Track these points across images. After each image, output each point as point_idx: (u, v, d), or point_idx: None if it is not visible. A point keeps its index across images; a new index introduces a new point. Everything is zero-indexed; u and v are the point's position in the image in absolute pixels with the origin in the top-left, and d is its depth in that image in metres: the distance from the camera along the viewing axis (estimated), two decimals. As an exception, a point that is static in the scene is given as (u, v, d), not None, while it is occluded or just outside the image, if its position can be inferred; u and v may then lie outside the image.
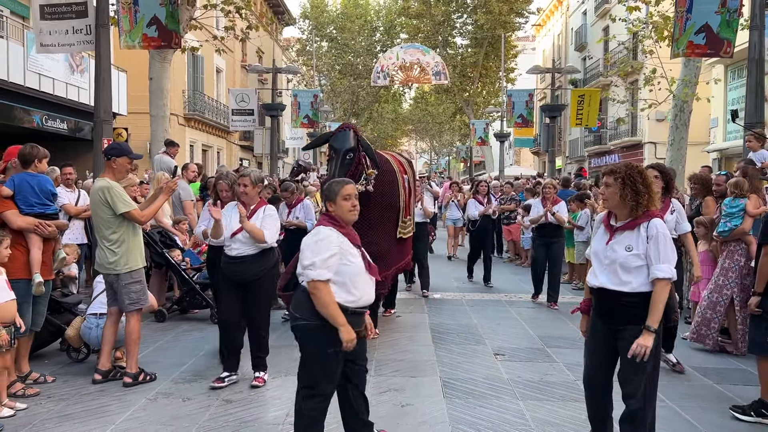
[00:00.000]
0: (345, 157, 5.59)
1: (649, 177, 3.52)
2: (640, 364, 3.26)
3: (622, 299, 3.36)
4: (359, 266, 3.41)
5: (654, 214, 3.41)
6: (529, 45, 48.25)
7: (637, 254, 3.34)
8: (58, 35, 8.91)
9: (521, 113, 21.68)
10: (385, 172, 6.24)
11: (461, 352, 6.13)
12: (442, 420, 4.35)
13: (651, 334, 3.26)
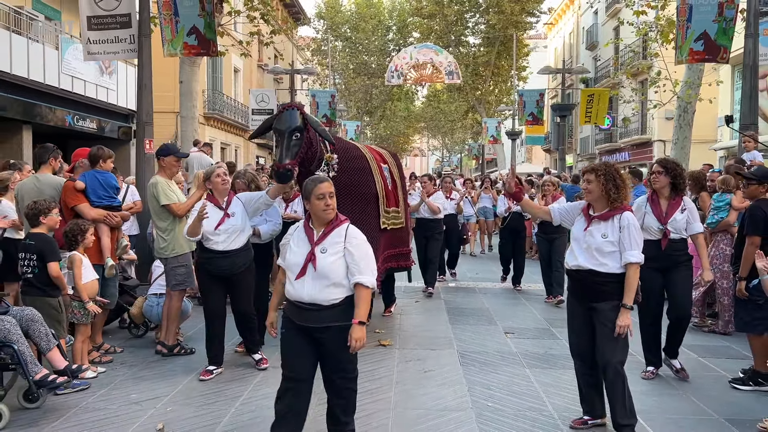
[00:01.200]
0: (291, 137, 5.03)
1: (624, 174, 4.13)
2: (615, 337, 3.87)
3: (597, 278, 3.94)
4: (291, 262, 3.45)
5: (625, 208, 4.00)
6: (540, 43, 48.68)
7: (611, 241, 3.93)
8: (103, 44, 9.68)
9: (532, 112, 22.28)
10: (353, 159, 5.93)
11: (475, 330, 6.86)
12: (459, 382, 5.08)
13: (627, 311, 3.88)
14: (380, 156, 6.71)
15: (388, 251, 6.57)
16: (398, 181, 6.94)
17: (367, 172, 6.04)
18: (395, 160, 7.18)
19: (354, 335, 3.34)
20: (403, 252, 6.94)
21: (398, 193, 6.85)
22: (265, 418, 4.18)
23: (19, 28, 14.61)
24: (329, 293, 3.38)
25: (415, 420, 4.30)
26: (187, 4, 9.97)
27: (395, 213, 6.63)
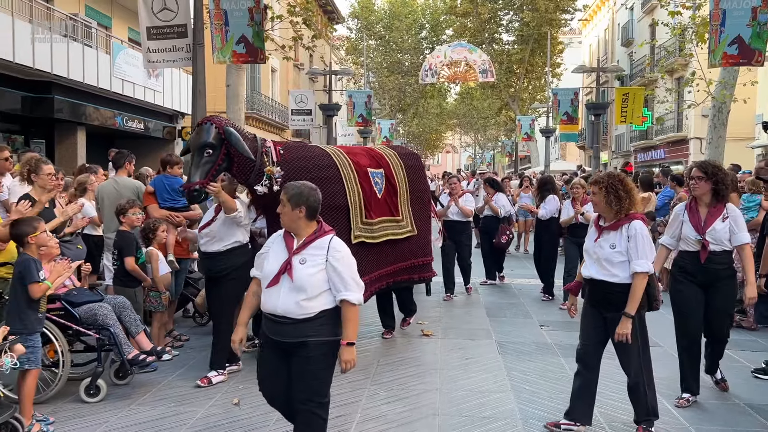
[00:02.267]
0: (203, 154, 4.75)
1: (629, 183, 4.08)
2: (627, 345, 3.94)
3: (609, 288, 3.97)
4: (267, 271, 3.32)
5: (635, 217, 3.99)
6: (575, 39, 48.47)
7: (619, 251, 3.94)
8: (162, 53, 10.36)
9: (566, 111, 22.46)
10: (318, 168, 5.38)
11: (512, 323, 7.30)
12: (499, 368, 5.55)
13: (628, 320, 3.88)
14: (372, 160, 6.05)
15: (390, 267, 6.02)
16: (403, 185, 6.26)
17: (334, 182, 5.47)
18: (405, 161, 6.44)
19: (343, 357, 3.21)
20: (417, 263, 6.39)
21: (400, 200, 6.20)
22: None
23: (74, 35, 15.45)
24: (305, 306, 3.20)
25: (460, 399, 4.79)
26: (237, 14, 10.57)
27: (392, 223, 6.02)
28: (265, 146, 5.12)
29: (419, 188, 6.56)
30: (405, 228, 6.18)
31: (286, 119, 28.53)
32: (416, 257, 6.38)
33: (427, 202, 6.78)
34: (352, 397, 4.84)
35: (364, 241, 5.64)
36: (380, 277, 5.93)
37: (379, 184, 5.98)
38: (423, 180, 6.76)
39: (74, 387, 4.77)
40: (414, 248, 6.34)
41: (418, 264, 6.43)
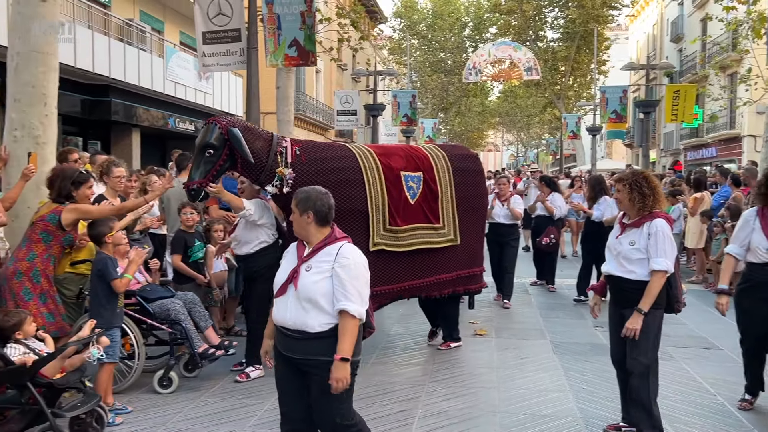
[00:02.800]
0: (204, 153, 4.81)
1: (654, 180, 4.05)
2: (635, 342, 3.84)
3: (626, 285, 3.94)
4: (276, 280, 3.19)
5: (658, 215, 3.94)
6: (621, 35, 47.57)
7: (637, 248, 3.90)
8: (217, 57, 10.66)
9: (615, 109, 22.10)
10: (338, 171, 5.18)
11: (565, 323, 7.31)
12: (555, 368, 5.59)
13: (639, 316, 3.82)
14: (410, 162, 5.67)
15: (427, 278, 5.67)
16: (448, 190, 5.80)
17: (354, 185, 5.21)
18: (455, 164, 5.93)
19: (334, 374, 2.92)
20: (463, 275, 5.95)
21: (442, 206, 5.75)
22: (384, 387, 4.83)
23: (130, 39, 15.99)
24: (314, 319, 3.00)
25: (519, 398, 4.86)
26: (289, 18, 10.81)
27: (428, 231, 5.63)
28: (281, 146, 5.02)
29: (470, 194, 6.00)
30: (445, 236, 5.74)
31: (330, 120, 28.89)
32: (462, 268, 5.92)
33: (480, 209, 6.24)
34: (412, 393, 4.96)
35: (385, 249, 5.33)
36: (410, 289, 5.60)
37: (414, 189, 5.61)
38: (477, 185, 6.20)
39: (148, 378, 5.02)
40: (460, 258, 5.88)
41: (465, 275, 5.98)
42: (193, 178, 4.84)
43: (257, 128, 5.21)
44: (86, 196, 4.80)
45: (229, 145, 4.81)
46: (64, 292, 4.98)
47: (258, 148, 4.91)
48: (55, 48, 6.06)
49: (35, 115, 5.86)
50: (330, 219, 3.17)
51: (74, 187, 4.64)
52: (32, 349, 3.93)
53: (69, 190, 4.64)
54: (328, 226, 3.17)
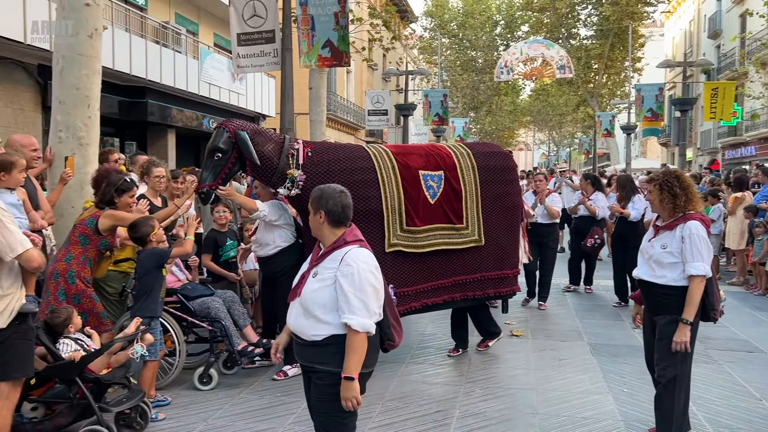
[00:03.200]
0: (212, 157, 4.92)
1: (687, 180, 3.85)
2: (670, 350, 3.67)
3: (657, 290, 3.78)
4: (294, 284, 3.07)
5: (692, 217, 3.74)
6: (656, 31, 46.71)
7: (670, 252, 3.73)
8: (251, 58, 10.78)
9: (651, 107, 21.70)
10: (352, 171, 5.13)
11: (602, 325, 7.21)
12: (594, 369, 5.53)
13: (686, 327, 3.64)
14: (430, 161, 5.55)
15: (447, 279, 5.52)
16: (472, 189, 5.62)
17: (369, 186, 5.16)
18: (481, 161, 5.73)
19: (342, 393, 2.77)
20: (490, 276, 5.73)
21: (466, 206, 5.59)
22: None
23: (166, 42, 16.26)
24: (309, 328, 2.87)
25: (558, 399, 4.81)
26: (323, 19, 10.87)
27: (449, 231, 5.50)
28: (293, 148, 5.04)
29: (499, 192, 5.77)
30: (468, 237, 5.57)
31: (360, 120, 28.98)
32: (489, 269, 5.70)
33: (510, 207, 5.92)
34: (449, 393, 4.95)
35: (403, 250, 5.26)
36: (430, 291, 5.46)
37: (434, 188, 5.48)
38: (507, 183, 5.92)
39: (188, 375, 5.10)
40: (487, 259, 5.68)
41: (492, 277, 5.74)
42: (204, 181, 4.96)
43: (268, 131, 5.28)
44: (127, 204, 4.89)
45: (237, 148, 4.90)
46: (107, 290, 5.10)
47: (269, 151, 4.98)
48: (98, 51, 6.20)
49: (79, 117, 6.01)
50: (344, 219, 2.98)
51: (117, 194, 4.73)
52: (81, 345, 4.04)
53: (112, 196, 4.73)
54: (343, 227, 2.97)
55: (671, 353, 3.70)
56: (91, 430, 3.78)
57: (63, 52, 5.99)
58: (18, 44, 10.88)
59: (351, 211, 3.01)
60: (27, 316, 3.32)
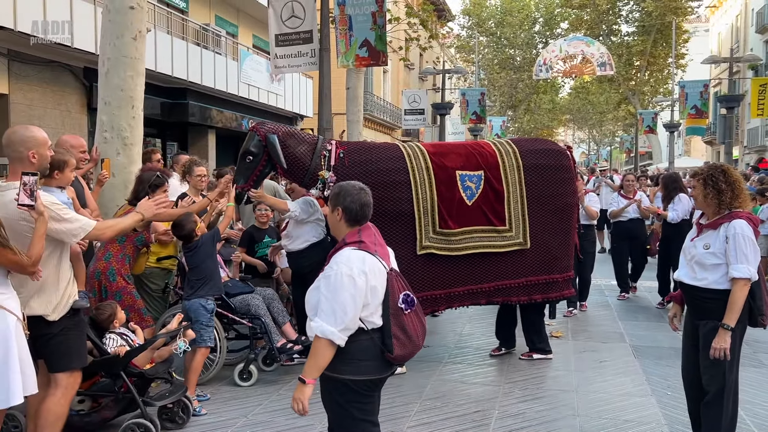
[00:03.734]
0: (244, 159, 5.04)
1: (734, 175, 3.58)
2: (714, 360, 3.43)
3: (699, 293, 3.55)
4: None
5: (738, 215, 3.49)
6: (701, 27, 45.51)
7: (713, 253, 3.48)
8: (288, 58, 10.90)
9: (695, 104, 21.15)
10: (385, 172, 5.08)
11: (645, 326, 7.06)
12: (636, 372, 5.42)
13: (727, 333, 3.39)
14: (470, 160, 5.38)
15: (487, 284, 5.38)
16: (516, 189, 5.43)
17: (400, 187, 5.09)
18: (528, 160, 5.49)
19: (294, 394, 2.72)
20: (538, 281, 5.52)
21: (509, 207, 5.40)
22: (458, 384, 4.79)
23: (206, 44, 16.54)
24: (308, 327, 2.80)
25: (599, 401, 4.73)
26: (360, 19, 10.91)
27: (490, 233, 5.33)
28: (325, 149, 5.07)
29: (548, 192, 5.51)
30: (512, 240, 5.37)
31: (397, 119, 28.98)
32: (536, 274, 5.47)
33: (563, 208, 5.61)
34: (488, 394, 4.91)
35: (435, 253, 5.16)
36: (466, 294, 5.34)
37: (472, 189, 5.31)
38: (559, 183, 5.57)
39: (227, 372, 5.18)
40: (533, 263, 5.45)
41: (540, 282, 5.51)
42: (237, 182, 5.08)
43: (301, 133, 5.32)
44: None
45: (267, 151, 4.97)
46: (150, 286, 5.22)
47: (301, 153, 5.04)
48: (142, 53, 6.35)
49: (124, 117, 6.16)
50: (361, 218, 2.87)
51: (151, 190, 4.82)
52: (126, 340, 4.13)
53: (146, 193, 4.82)
54: (358, 226, 2.87)
55: (715, 363, 3.48)
56: (135, 423, 3.87)
57: (108, 54, 6.14)
58: (65, 48, 11.20)
59: (370, 209, 2.91)
60: (78, 310, 3.43)
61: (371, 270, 2.72)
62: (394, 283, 2.78)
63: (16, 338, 2.92)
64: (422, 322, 2.86)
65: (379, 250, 2.83)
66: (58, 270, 3.30)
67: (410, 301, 2.79)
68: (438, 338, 6.55)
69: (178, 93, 15.58)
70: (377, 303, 2.75)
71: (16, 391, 2.91)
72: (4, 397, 2.89)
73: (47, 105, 11.86)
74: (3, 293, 2.92)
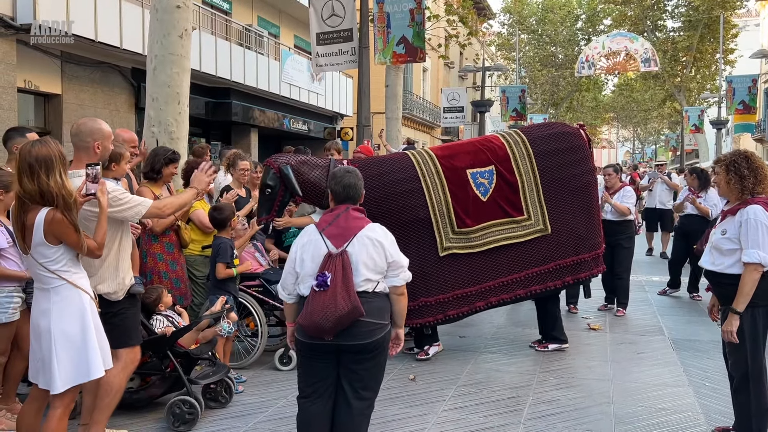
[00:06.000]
0: (264, 192, 5.22)
1: (757, 161, 3.59)
2: (735, 344, 3.51)
3: (719, 279, 3.62)
4: None
5: (755, 201, 3.51)
6: (751, 21, 44.13)
7: (728, 238, 3.55)
8: (329, 57, 11.08)
9: (743, 99, 20.59)
10: (397, 183, 5.21)
11: (685, 320, 6.99)
12: (674, 363, 5.38)
13: (734, 317, 3.45)
14: (478, 157, 5.42)
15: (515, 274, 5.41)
16: (530, 177, 5.44)
17: (414, 195, 5.22)
18: (538, 147, 5.48)
19: None
20: (566, 264, 5.51)
21: (524, 196, 5.42)
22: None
23: (249, 44, 16.89)
24: None
25: (635, 391, 4.73)
26: (398, 16, 11.04)
27: (509, 225, 5.38)
28: None
29: (564, 175, 5.50)
30: (532, 228, 5.41)
31: (436, 118, 28.99)
32: (563, 257, 5.48)
33: (581, 188, 5.60)
34: (522, 381, 4.96)
35: (458, 252, 5.26)
36: (498, 287, 5.38)
37: (485, 185, 5.38)
38: (574, 164, 5.56)
39: (268, 357, 5.35)
40: (558, 247, 5.46)
41: (569, 264, 5.52)
42: (260, 215, 5.30)
43: (313, 159, 5.49)
44: (171, 174, 5.12)
45: (283, 181, 5.15)
46: (195, 274, 5.42)
47: (315, 177, 5.21)
48: (188, 50, 6.60)
49: (170, 113, 6.42)
50: (345, 199, 3.16)
51: (165, 164, 4.97)
52: (171, 321, 4.33)
53: (161, 165, 4.97)
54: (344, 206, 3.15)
55: (737, 348, 3.54)
56: (181, 400, 4.05)
57: (156, 52, 6.41)
58: (114, 48, 11.63)
59: (354, 189, 3.17)
60: (134, 295, 3.65)
61: (303, 244, 3.10)
62: (324, 263, 2.99)
63: (91, 315, 3.10)
64: (335, 304, 2.90)
65: (330, 230, 3.06)
66: (118, 254, 3.51)
67: (320, 282, 2.95)
68: (474, 330, 6.61)
69: (222, 93, 15.96)
70: (304, 274, 3.05)
71: (97, 364, 3.07)
72: (85, 370, 3.05)
73: (97, 105, 12.33)
74: (76, 273, 3.10)
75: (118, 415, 3.92)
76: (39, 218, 2.93)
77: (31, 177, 2.94)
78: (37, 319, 3.03)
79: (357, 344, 2.97)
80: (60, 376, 2.98)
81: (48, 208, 2.96)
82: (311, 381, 3.08)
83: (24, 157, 2.96)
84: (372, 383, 3.12)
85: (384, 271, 3.05)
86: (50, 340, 2.98)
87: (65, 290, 3.00)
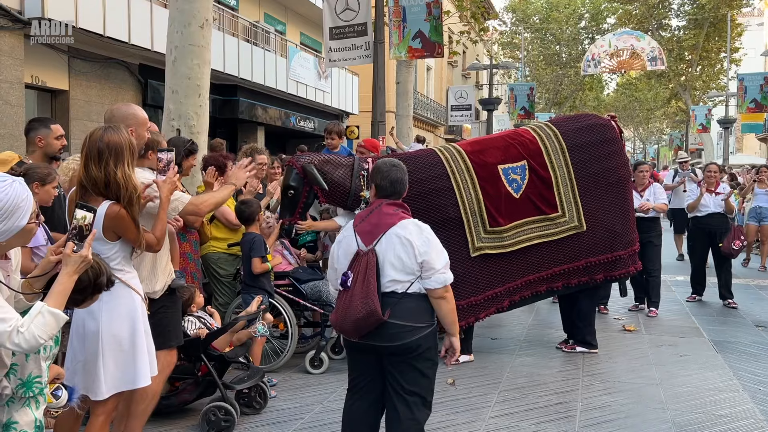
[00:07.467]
0: (286, 194, 5.01)
1: None
2: None
3: None
4: None
5: None
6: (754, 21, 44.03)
7: None
8: (342, 51, 10.85)
9: (754, 98, 20.38)
10: (426, 181, 4.96)
11: (722, 322, 6.77)
12: (722, 367, 5.15)
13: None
14: (510, 152, 5.20)
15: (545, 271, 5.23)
16: (564, 172, 5.23)
17: (444, 193, 4.99)
18: (571, 140, 5.28)
19: None
20: (597, 261, 5.31)
21: (558, 192, 5.22)
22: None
23: (255, 41, 16.65)
24: None
25: (688, 396, 4.50)
26: (414, 10, 10.82)
27: (543, 223, 5.18)
28: (363, 169, 4.98)
29: (598, 169, 5.29)
30: (566, 225, 5.20)
31: (440, 117, 28.76)
32: (597, 254, 5.27)
33: (616, 183, 5.39)
34: (566, 386, 4.73)
35: (489, 253, 5.02)
36: (524, 285, 5.20)
37: (518, 182, 5.16)
38: (608, 157, 5.35)
39: (298, 360, 5.11)
40: (591, 244, 5.25)
41: (602, 261, 5.31)
42: (283, 217, 5.11)
43: (337, 158, 5.21)
44: (190, 166, 4.89)
45: (307, 182, 4.93)
46: (219, 272, 5.19)
47: (340, 177, 4.97)
48: (208, 41, 6.36)
49: (191, 106, 6.18)
50: (392, 194, 3.04)
51: (184, 156, 4.68)
52: (204, 323, 4.10)
53: (181, 158, 4.72)
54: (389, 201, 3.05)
55: None
56: (216, 406, 3.82)
57: (176, 43, 6.16)
58: (122, 44, 11.39)
59: (400, 185, 3.05)
60: (174, 289, 3.41)
61: (339, 240, 3.08)
62: (352, 261, 2.93)
63: (142, 317, 2.87)
64: (352, 307, 2.82)
65: (362, 227, 2.97)
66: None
67: (343, 281, 2.92)
68: (505, 331, 6.39)
69: (229, 90, 15.72)
70: (340, 269, 3.00)
71: (145, 372, 2.83)
72: (131, 378, 2.80)
73: (104, 100, 12.08)
74: (129, 272, 2.87)
75: (147, 422, 3.68)
76: (99, 212, 2.64)
77: (99, 164, 2.69)
78: (83, 319, 2.78)
79: (387, 346, 2.87)
80: (105, 381, 2.73)
81: (110, 201, 2.71)
82: (353, 375, 3.10)
83: (94, 142, 2.71)
84: (415, 388, 2.92)
85: (415, 271, 2.86)
86: (97, 342, 2.74)
87: (117, 290, 2.68)
